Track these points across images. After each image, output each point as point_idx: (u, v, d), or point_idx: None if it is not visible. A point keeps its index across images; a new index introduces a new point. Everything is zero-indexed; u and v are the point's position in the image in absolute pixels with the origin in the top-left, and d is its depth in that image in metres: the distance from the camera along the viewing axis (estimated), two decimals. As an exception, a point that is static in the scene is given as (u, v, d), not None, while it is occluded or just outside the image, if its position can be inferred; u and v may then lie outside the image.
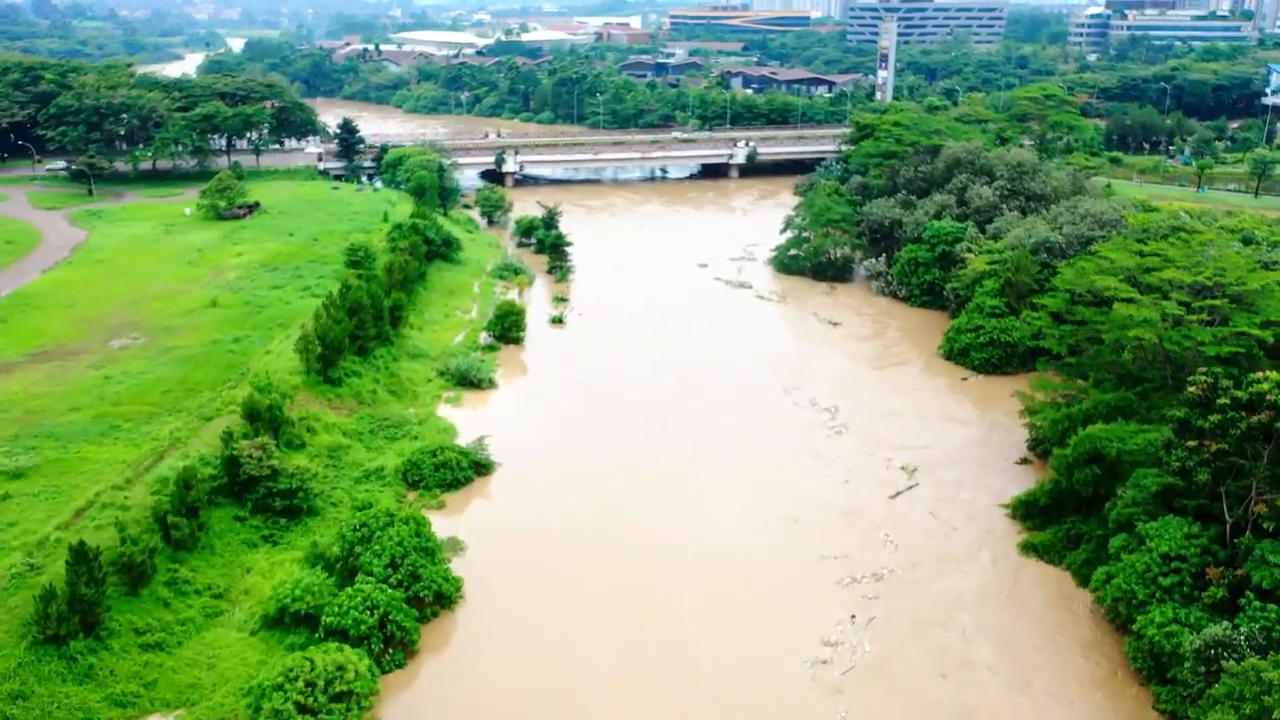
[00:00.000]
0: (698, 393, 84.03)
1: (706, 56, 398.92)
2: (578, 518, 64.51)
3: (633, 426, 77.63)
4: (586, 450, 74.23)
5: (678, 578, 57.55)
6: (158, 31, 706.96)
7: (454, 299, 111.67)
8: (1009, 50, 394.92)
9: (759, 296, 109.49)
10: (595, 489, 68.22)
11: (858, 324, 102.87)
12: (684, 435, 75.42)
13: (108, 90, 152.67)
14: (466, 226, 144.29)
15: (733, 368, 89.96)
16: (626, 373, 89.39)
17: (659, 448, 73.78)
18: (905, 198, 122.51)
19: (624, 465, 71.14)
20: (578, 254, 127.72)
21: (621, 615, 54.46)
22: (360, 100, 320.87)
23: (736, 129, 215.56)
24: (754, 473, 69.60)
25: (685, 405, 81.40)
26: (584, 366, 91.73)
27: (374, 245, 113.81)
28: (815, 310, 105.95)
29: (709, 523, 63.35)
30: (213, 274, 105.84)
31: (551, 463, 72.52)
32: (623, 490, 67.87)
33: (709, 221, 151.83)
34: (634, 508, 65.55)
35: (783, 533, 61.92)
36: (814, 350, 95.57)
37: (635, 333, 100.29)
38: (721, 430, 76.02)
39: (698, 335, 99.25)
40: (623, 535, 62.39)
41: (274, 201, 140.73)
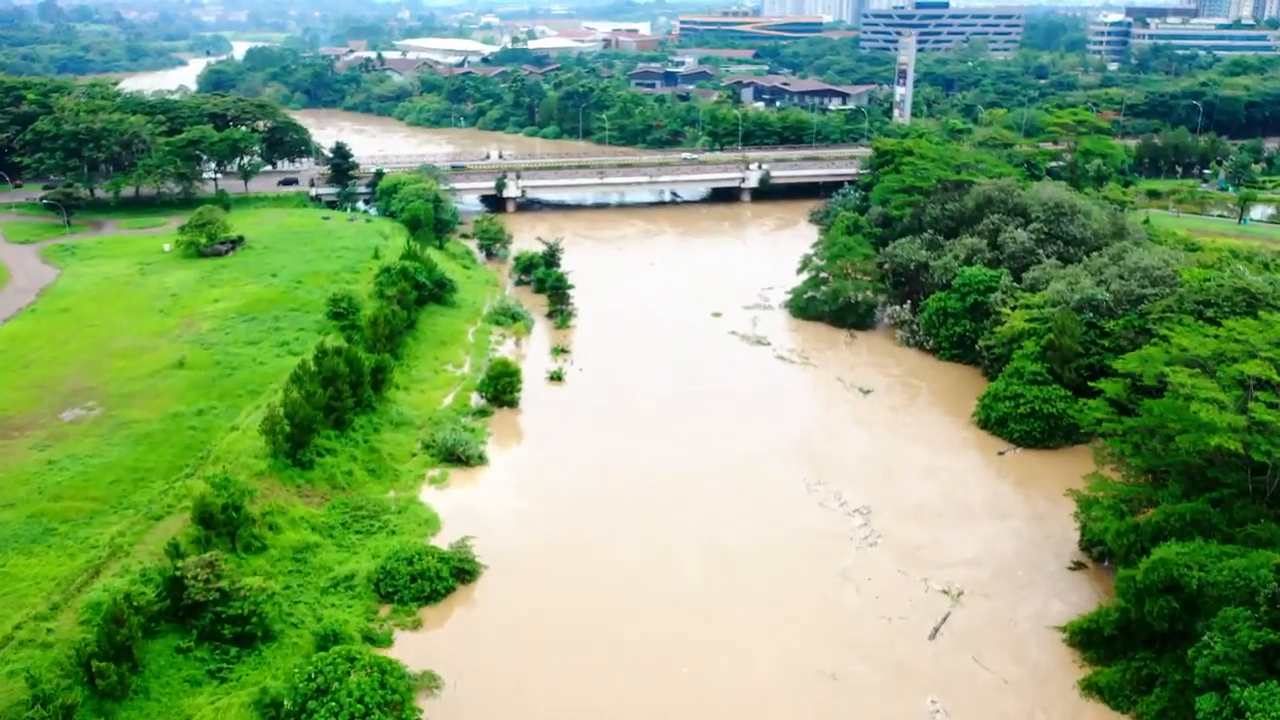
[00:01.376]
0: (712, 488, 73.63)
1: (716, 65, 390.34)
2: (569, 664, 54.82)
3: (637, 528, 68.30)
4: (582, 557, 65.41)
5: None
6: (163, 35, 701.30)
7: (445, 350, 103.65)
8: (1027, 59, 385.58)
9: (779, 357, 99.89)
10: (591, 624, 58.05)
11: (885, 387, 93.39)
12: (695, 547, 65.91)
13: (88, 114, 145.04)
14: (463, 261, 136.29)
15: (751, 453, 79.49)
16: (630, 452, 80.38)
17: (667, 560, 64.44)
18: (932, 238, 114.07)
19: (626, 585, 61.86)
20: (581, 293, 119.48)
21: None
22: (362, 111, 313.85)
23: (748, 148, 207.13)
24: (779, 605, 59.53)
25: (697, 505, 71.14)
26: (583, 440, 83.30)
27: (360, 292, 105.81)
28: (841, 374, 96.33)
29: (731, 681, 53.36)
30: (184, 325, 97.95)
31: (542, 572, 64.05)
32: (623, 625, 58.03)
33: (722, 255, 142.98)
34: (637, 654, 55.56)
35: (819, 697, 52.61)
36: (841, 428, 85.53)
37: (641, 397, 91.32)
38: (739, 541, 66.22)
39: (711, 405, 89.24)
40: (624, 697, 52.72)
41: (259, 234, 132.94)
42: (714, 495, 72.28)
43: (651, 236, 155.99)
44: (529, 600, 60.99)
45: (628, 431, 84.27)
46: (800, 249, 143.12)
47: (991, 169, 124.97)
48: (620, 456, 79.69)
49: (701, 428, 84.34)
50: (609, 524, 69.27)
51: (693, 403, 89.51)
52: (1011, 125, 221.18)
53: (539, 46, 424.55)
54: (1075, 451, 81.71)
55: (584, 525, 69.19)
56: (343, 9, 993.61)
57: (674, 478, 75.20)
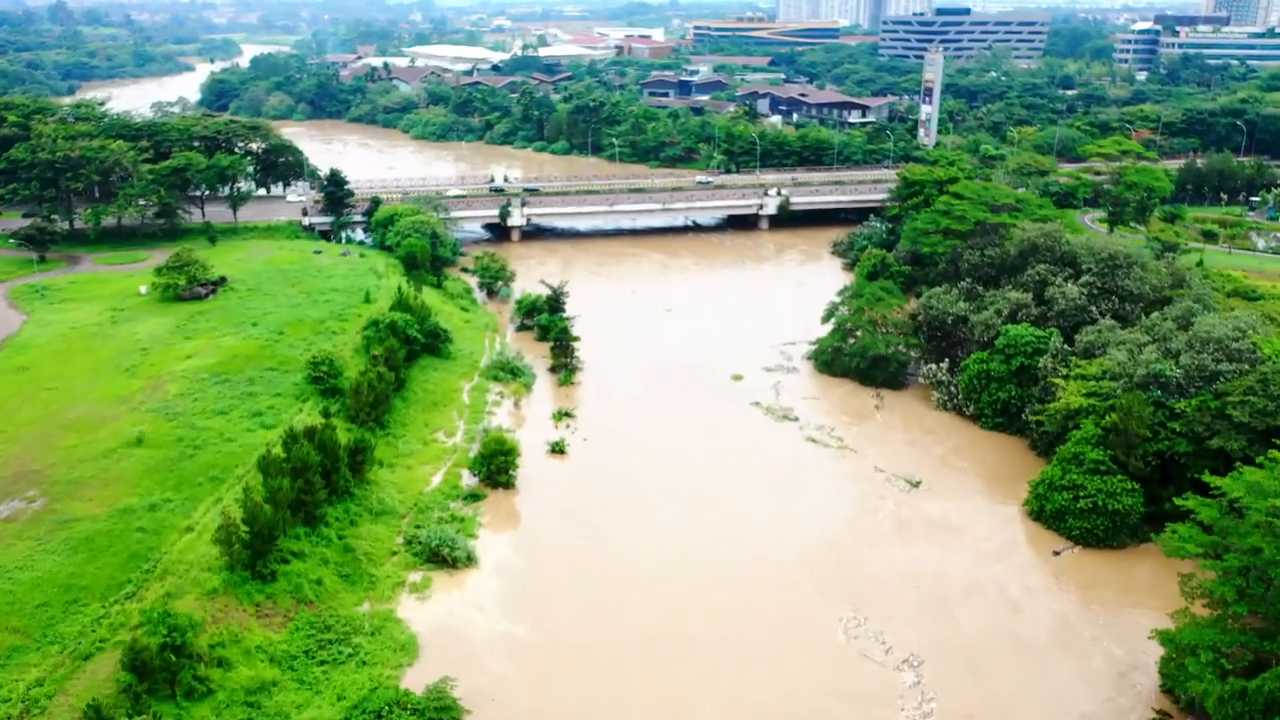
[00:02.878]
0: (733, 630, 62.52)
1: (731, 73, 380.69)
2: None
3: (644, 683, 58.06)
4: (582, 706, 56.27)
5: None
6: (172, 39, 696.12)
7: (437, 413, 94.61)
8: (1051, 68, 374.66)
9: (810, 439, 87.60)
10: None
11: (929, 471, 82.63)
12: (711, 708, 56.30)
13: (65, 142, 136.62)
14: (461, 302, 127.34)
15: (779, 569, 68.90)
16: (637, 562, 70.12)
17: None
18: (970, 287, 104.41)
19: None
20: (589, 341, 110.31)
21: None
22: (367, 123, 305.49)
23: (766, 169, 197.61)
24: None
25: (715, 652, 60.32)
26: (583, 540, 73.64)
27: (345, 349, 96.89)
28: (880, 459, 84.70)
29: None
30: (151, 387, 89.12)
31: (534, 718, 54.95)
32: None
33: (741, 295, 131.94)
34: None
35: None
36: (880, 531, 74.41)
37: (652, 484, 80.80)
38: (768, 710, 55.74)
39: (732, 500, 78.31)
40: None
41: (244, 273, 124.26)
42: (736, 639, 61.10)
43: (667, 272, 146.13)
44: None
45: (635, 531, 74.24)
46: (823, 286, 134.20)
47: (1033, 210, 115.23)
48: (625, 566, 69.73)
49: (720, 529, 73.62)
50: (611, 673, 58.98)
51: (710, 494, 78.88)
52: (1042, 145, 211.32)
53: (550, 54, 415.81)
54: (1143, 553, 72.42)
55: (583, 671, 59.28)
56: (354, 11, 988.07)
57: (689, 610, 63.85)
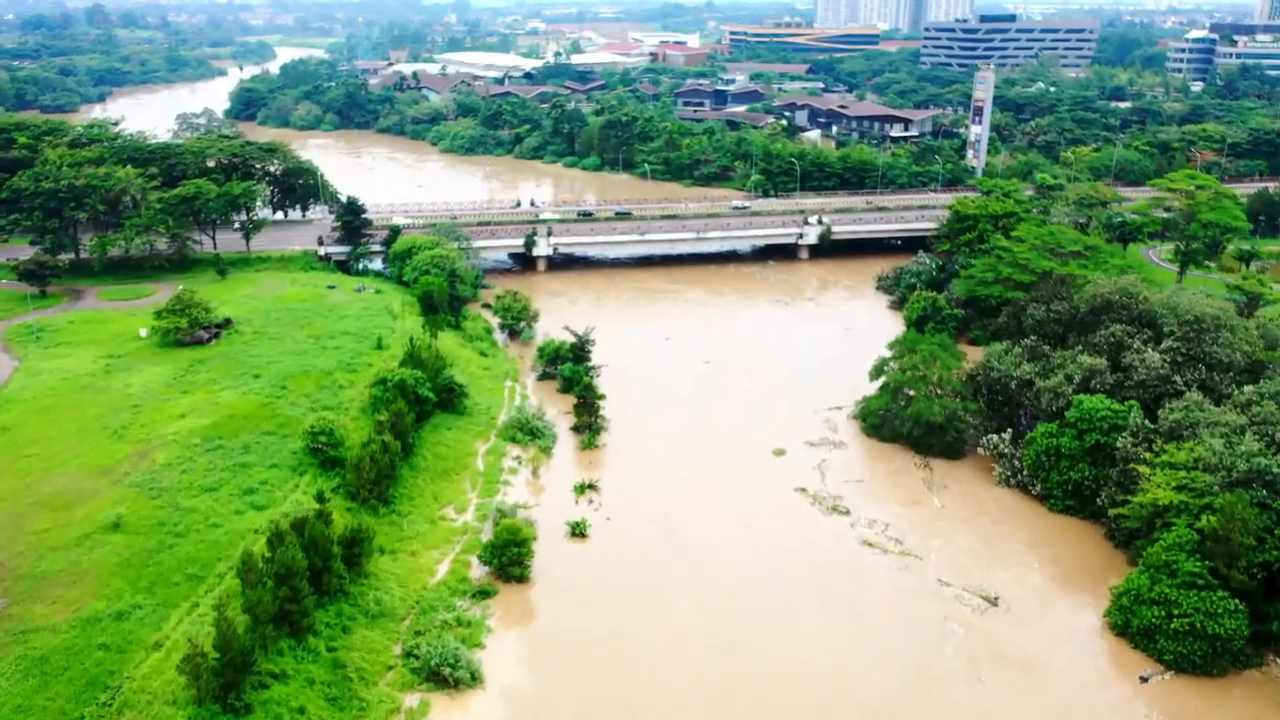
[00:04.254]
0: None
1: (768, 82, 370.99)
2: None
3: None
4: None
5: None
6: (207, 41, 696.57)
7: (447, 484, 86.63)
8: (1101, 78, 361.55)
9: (864, 542, 76.23)
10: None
11: (998, 575, 73.11)
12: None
13: (70, 169, 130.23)
14: (480, 345, 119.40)
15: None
16: (662, 690, 61.84)
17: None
18: (1035, 346, 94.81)
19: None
20: (617, 392, 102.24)
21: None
22: (395, 134, 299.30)
23: (805, 193, 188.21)
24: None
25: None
26: (604, 652, 65.22)
27: (351, 411, 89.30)
28: (945, 571, 73.30)
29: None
30: (138, 454, 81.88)
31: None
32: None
33: (782, 340, 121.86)
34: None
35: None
36: (948, 670, 63.70)
37: (683, 587, 71.48)
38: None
39: (773, 630, 67.30)
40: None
41: (252, 312, 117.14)
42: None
43: (703, 310, 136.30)
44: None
45: (660, 647, 65.46)
46: (870, 330, 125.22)
47: (1105, 258, 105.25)
48: (648, 703, 61.07)
49: (762, 665, 63.68)
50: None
51: (750, 610, 69.11)
52: (1099, 167, 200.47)
53: (583, 61, 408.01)
54: (1247, 682, 62.91)
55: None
56: (389, 12, 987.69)
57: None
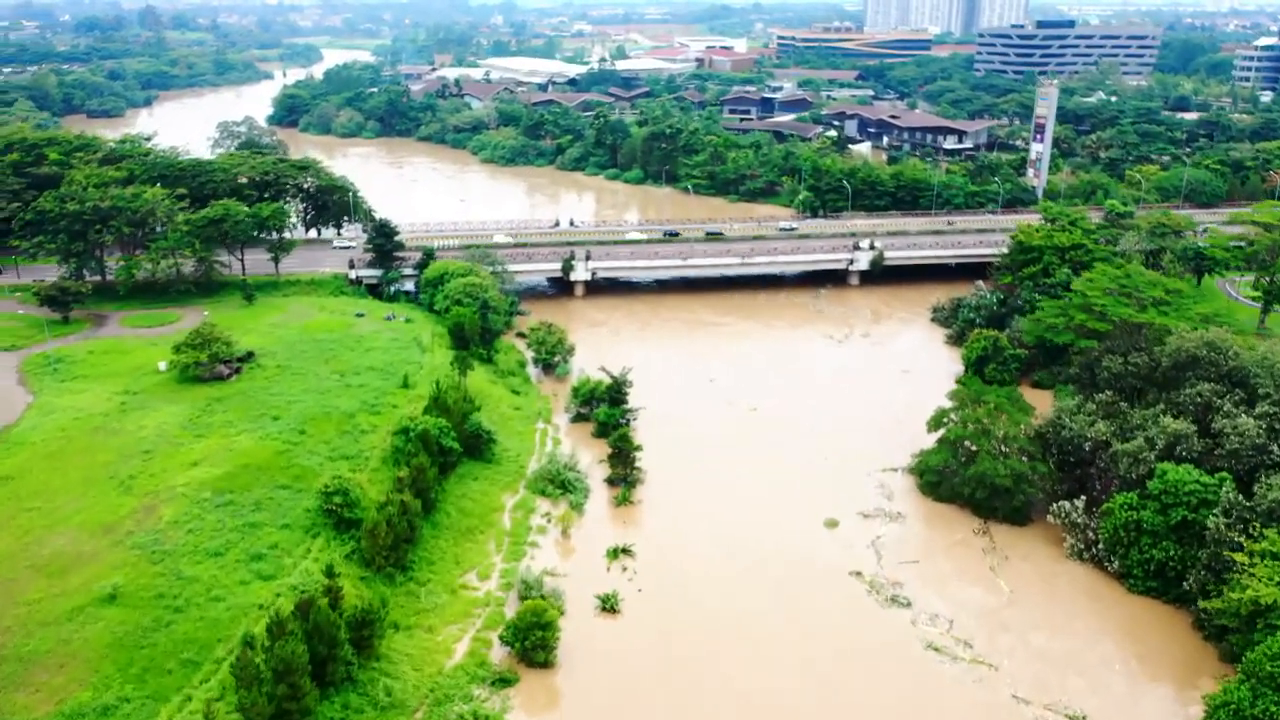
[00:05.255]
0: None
1: (817, 89, 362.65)
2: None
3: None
4: None
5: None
6: (256, 44, 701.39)
7: (471, 544, 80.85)
8: (1164, 87, 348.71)
9: (930, 646, 67.76)
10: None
11: (1077, 680, 65.36)
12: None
13: (97, 190, 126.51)
14: (512, 382, 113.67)
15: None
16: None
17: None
18: (1111, 402, 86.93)
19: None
20: (654, 439, 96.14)
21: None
22: (436, 142, 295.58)
23: (856, 211, 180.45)
24: None
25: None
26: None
27: (371, 462, 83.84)
28: (1022, 683, 64.30)
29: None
30: (143, 510, 77.00)
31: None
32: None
33: (835, 383, 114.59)
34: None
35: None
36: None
37: (722, 676, 65.27)
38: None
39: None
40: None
41: (276, 343, 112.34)
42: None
43: (749, 342, 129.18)
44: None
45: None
46: (927, 370, 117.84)
47: (1188, 306, 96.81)
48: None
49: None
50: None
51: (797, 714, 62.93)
52: (1168, 187, 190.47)
53: (627, 67, 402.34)
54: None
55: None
56: (436, 14, 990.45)
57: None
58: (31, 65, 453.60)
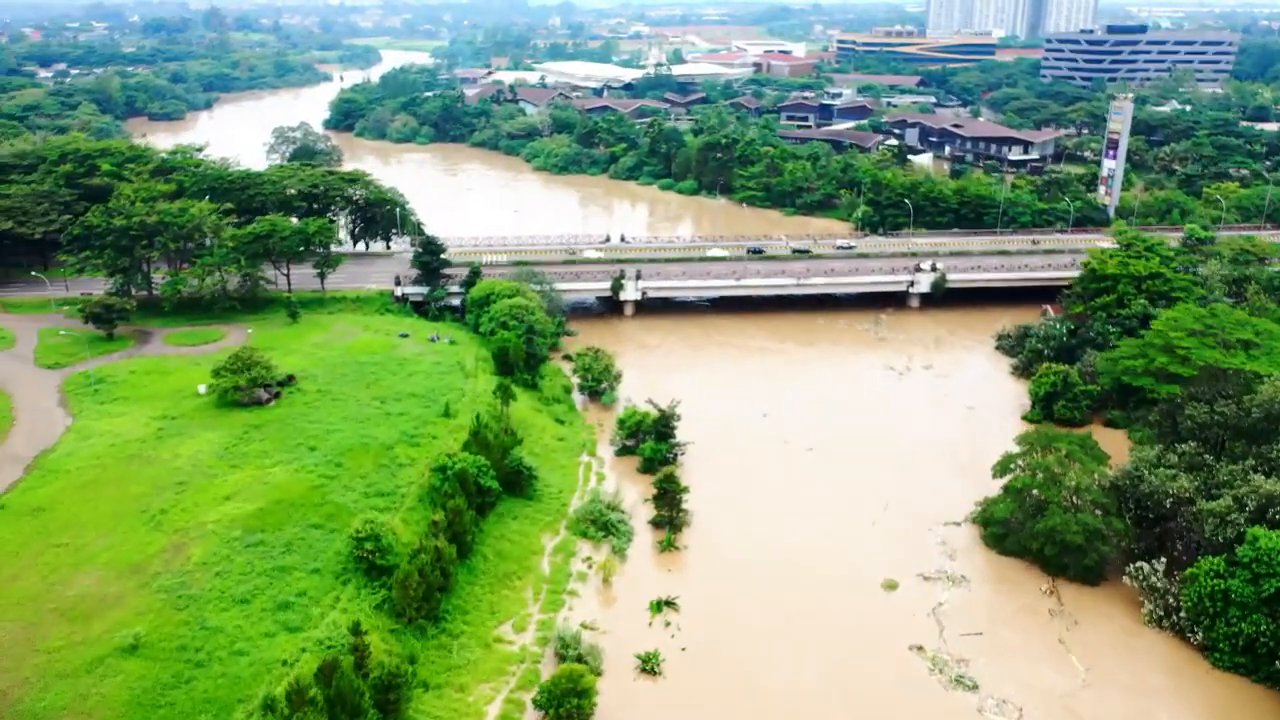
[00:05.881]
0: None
1: (877, 95, 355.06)
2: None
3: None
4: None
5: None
6: (316, 45, 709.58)
7: (508, 591, 77.34)
8: (1242, 96, 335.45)
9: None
10: None
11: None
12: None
13: (144, 204, 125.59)
14: (557, 409, 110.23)
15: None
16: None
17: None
18: (1194, 454, 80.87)
19: None
20: (702, 477, 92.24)
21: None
22: (490, 148, 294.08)
23: (917, 229, 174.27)
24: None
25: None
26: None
27: (400, 515, 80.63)
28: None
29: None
30: (173, 549, 74.69)
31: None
32: None
33: (895, 419, 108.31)
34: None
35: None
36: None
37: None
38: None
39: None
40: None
41: (318, 365, 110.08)
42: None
43: (804, 369, 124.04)
44: None
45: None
46: (993, 406, 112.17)
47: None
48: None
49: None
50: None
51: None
52: (1248, 206, 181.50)
53: (684, 73, 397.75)
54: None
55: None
56: (495, 14, 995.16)
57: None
58: (98, 67, 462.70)
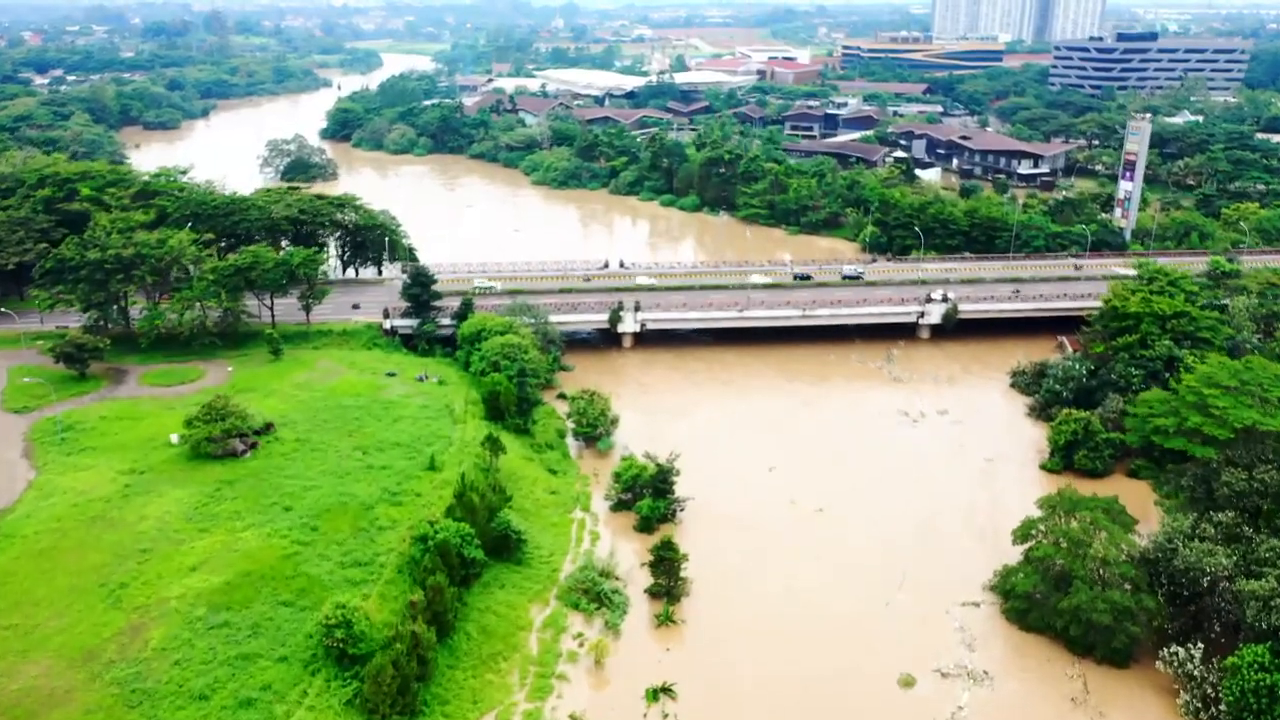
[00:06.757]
0: None
1: (883, 104, 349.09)
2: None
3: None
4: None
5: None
6: (318, 49, 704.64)
7: (492, 675, 71.67)
8: (1256, 106, 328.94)
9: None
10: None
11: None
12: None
13: (119, 236, 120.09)
14: (550, 457, 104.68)
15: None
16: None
17: None
18: (1232, 525, 75.12)
19: None
20: (703, 540, 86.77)
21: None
22: (489, 160, 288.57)
23: (926, 256, 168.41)
24: None
25: None
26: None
27: (376, 593, 75.01)
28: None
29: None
30: (130, 631, 69.35)
31: None
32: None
33: (911, 478, 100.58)
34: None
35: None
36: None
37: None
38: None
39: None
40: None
41: (298, 410, 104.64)
42: None
43: (811, 412, 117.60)
44: None
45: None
46: (1009, 457, 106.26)
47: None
48: None
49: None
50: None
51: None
52: (1269, 229, 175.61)
53: (687, 80, 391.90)
54: None
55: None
56: (498, 16, 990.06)
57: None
58: (95, 74, 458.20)
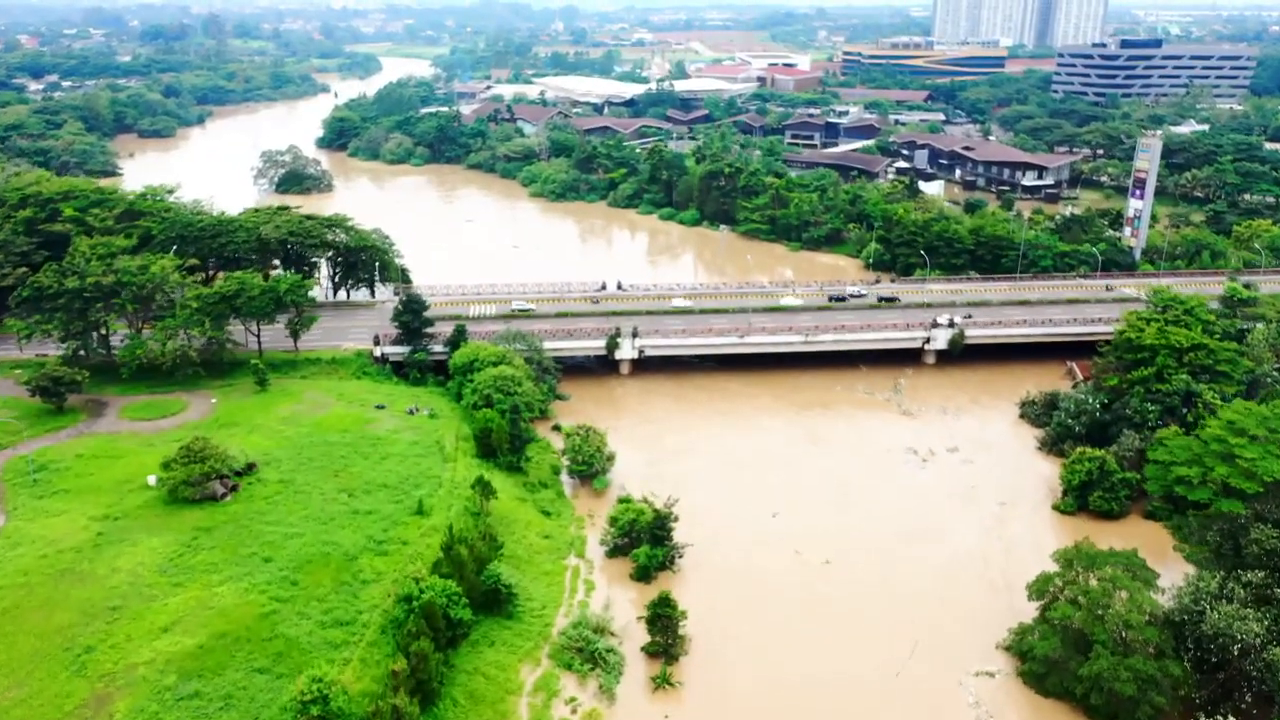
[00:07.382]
0: None
1: (884, 112, 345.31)
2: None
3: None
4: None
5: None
6: (317, 53, 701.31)
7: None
8: (1262, 114, 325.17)
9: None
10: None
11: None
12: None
13: (99, 263, 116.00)
14: (543, 497, 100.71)
15: None
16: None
17: None
18: (1263, 585, 71.08)
19: None
20: (702, 594, 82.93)
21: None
22: (486, 171, 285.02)
23: (931, 276, 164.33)
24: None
25: None
26: None
27: (357, 659, 70.88)
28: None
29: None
30: (94, 702, 65.42)
31: None
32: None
33: (922, 526, 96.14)
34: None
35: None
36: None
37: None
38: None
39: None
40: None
41: (283, 447, 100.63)
42: None
43: (817, 448, 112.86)
44: None
45: None
46: (1022, 497, 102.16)
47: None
48: None
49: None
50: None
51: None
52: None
53: (686, 88, 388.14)
54: None
55: None
56: (498, 19, 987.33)
57: None
58: (91, 79, 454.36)
